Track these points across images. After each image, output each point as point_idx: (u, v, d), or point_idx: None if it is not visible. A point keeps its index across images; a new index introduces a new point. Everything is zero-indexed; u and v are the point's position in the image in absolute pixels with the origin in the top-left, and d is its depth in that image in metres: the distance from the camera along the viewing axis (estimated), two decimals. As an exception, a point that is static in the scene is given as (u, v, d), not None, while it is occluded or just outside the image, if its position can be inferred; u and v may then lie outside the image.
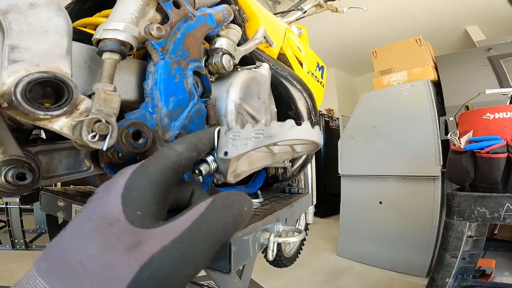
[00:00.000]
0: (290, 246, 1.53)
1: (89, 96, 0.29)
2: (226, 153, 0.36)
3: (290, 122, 0.34)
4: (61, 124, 0.27)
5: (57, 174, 0.42)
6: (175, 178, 0.25)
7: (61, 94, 0.29)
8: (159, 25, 0.37)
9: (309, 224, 1.47)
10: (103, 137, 0.28)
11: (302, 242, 1.58)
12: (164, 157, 0.25)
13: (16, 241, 2.40)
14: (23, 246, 2.40)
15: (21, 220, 2.41)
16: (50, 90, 0.31)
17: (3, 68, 0.27)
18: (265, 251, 0.55)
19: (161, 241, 0.17)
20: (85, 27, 0.49)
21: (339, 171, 2.56)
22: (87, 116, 0.28)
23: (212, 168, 0.39)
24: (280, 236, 0.54)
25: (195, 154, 0.28)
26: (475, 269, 1.51)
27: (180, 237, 0.18)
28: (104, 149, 0.29)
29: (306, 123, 0.34)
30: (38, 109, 0.26)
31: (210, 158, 0.39)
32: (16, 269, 2.03)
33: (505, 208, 1.12)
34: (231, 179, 0.41)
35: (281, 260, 1.36)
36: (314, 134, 0.34)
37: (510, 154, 1.12)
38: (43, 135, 0.63)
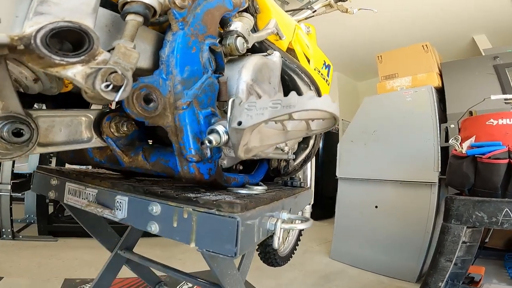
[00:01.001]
0: (284, 245, 1.52)
1: (108, 51, 0.29)
2: (240, 123, 0.35)
3: (310, 93, 0.33)
4: (75, 71, 0.26)
5: (55, 142, 0.40)
6: None
7: (80, 48, 0.28)
8: (183, -5, 0.36)
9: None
10: (116, 89, 0.28)
11: (296, 242, 1.57)
12: None
13: (3, 230, 2.33)
14: (10, 236, 2.33)
15: (11, 209, 2.35)
16: (68, 47, 0.30)
17: (27, 19, 0.26)
18: (267, 240, 0.53)
19: None
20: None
21: (337, 174, 2.55)
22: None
23: (223, 139, 0.38)
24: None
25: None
26: (465, 276, 1.51)
27: None
28: (116, 100, 0.28)
29: (326, 96, 0.33)
30: (54, 54, 0.25)
31: (221, 128, 0.38)
32: (2, 259, 1.97)
33: (503, 213, 1.12)
34: (241, 153, 0.40)
35: (275, 259, 1.35)
36: (333, 107, 0.33)
37: (511, 160, 1.12)
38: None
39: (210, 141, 0.35)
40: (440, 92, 2.23)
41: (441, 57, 2.54)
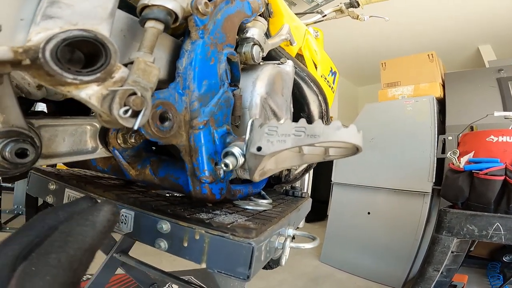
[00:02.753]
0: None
1: (125, 65, 0.26)
2: (259, 148, 0.33)
3: (337, 123, 0.31)
4: (90, 92, 0.23)
5: (58, 153, 0.38)
6: None
7: (93, 61, 0.25)
8: (206, 1, 0.33)
9: (298, 228, 1.46)
10: (135, 114, 0.25)
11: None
12: None
13: None
14: (-4, 227, 2.27)
15: (0, 199, 2.28)
16: (79, 56, 0.27)
17: (34, 24, 0.23)
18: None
19: None
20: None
21: (332, 179, 2.56)
22: (121, 86, 0.24)
23: (240, 162, 0.36)
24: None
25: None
26: (449, 284, 1.56)
27: None
28: (135, 128, 0.25)
29: (352, 126, 0.31)
30: (67, 71, 0.22)
31: (237, 151, 0.36)
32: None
33: (494, 227, 1.16)
34: (257, 177, 0.38)
35: (268, 263, 1.34)
36: (359, 139, 0.31)
37: (507, 177, 1.14)
38: (45, 110, 0.58)
39: (226, 165, 0.33)
40: (441, 103, 2.25)
41: (445, 67, 2.55)
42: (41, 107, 0.62)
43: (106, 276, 0.84)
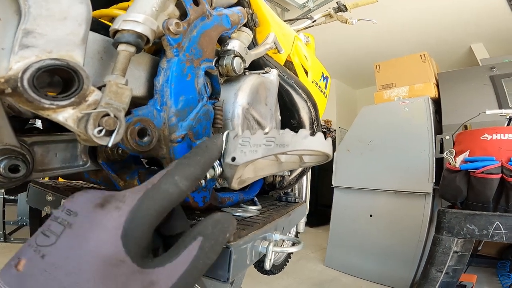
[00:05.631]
0: (279, 255, 1.51)
1: (99, 88, 0.28)
2: (233, 159, 0.35)
3: (304, 132, 0.33)
4: (66, 115, 0.25)
5: (51, 168, 0.40)
6: (168, 211, 0.24)
7: (70, 85, 0.27)
8: (178, 21, 0.36)
9: (299, 233, 1.46)
10: (109, 133, 0.27)
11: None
12: (165, 196, 0.23)
13: None
14: (1, 238, 2.30)
15: (3, 211, 2.30)
16: (58, 80, 0.30)
17: (13, 53, 0.25)
18: (260, 259, 0.53)
19: (170, 280, 0.21)
20: (100, 18, 0.48)
21: (333, 183, 2.56)
22: (95, 108, 0.26)
23: (217, 172, 0.38)
24: (277, 245, 0.53)
25: (194, 186, 0.27)
26: (457, 284, 1.54)
27: (182, 276, 0.22)
28: (110, 145, 0.27)
29: (319, 134, 0.33)
30: (44, 98, 0.24)
31: (215, 162, 0.38)
32: (-9, 261, 1.94)
33: (494, 226, 1.15)
34: (235, 185, 0.40)
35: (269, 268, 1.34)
36: (326, 146, 0.33)
37: (504, 175, 1.14)
38: (40, 126, 0.61)
39: (204, 176, 0.35)
40: (437, 103, 2.25)
41: (438, 67, 2.56)
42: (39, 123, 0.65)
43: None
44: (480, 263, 2.12)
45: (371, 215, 2.30)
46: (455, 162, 1.24)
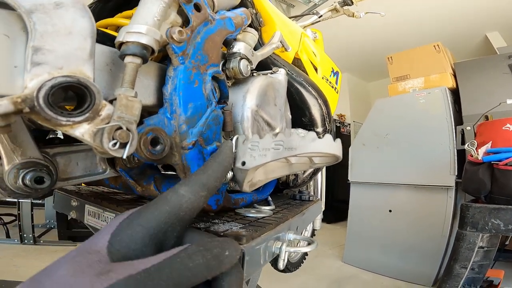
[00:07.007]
0: (294, 254, 1.51)
1: (111, 102, 0.29)
2: (243, 163, 0.35)
3: (312, 134, 0.33)
4: (82, 130, 0.27)
5: (73, 176, 0.42)
6: (174, 221, 0.24)
7: (83, 98, 0.29)
8: (181, 29, 0.36)
9: (316, 230, 1.45)
10: (123, 145, 0.28)
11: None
12: (163, 203, 0.24)
13: (25, 235, 2.40)
14: (31, 241, 2.42)
15: (32, 215, 2.42)
16: (72, 94, 0.31)
17: (26, 71, 0.26)
18: (274, 259, 0.54)
19: (129, 271, 0.19)
20: (106, 28, 0.50)
21: (349, 178, 2.51)
22: (108, 122, 0.28)
23: (229, 177, 0.38)
24: (291, 244, 0.53)
25: (204, 194, 0.26)
26: (483, 280, 1.48)
27: (147, 270, 0.19)
28: (124, 157, 0.28)
29: (328, 136, 0.33)
30: (60, 115, 0.25)
31: (226, 167, 0.39)
32: (22, 263, 2.04)
33: (520, 220, 1.09)
34: (247, 188, 0.40)
35: (286, 266, 1.35)
36: (335, 148, 0.33)
37: (530, 167, 1.08)
38: (61, 135, 0.64)
39: (215, 180, 0.36)
40: (455, 93, 2.16)
41: (454, 56, 2.45)
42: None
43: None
44: (508, 258, 2.03)
45: (390, 210, 2.25)
46: (477, 154, 1.19)
